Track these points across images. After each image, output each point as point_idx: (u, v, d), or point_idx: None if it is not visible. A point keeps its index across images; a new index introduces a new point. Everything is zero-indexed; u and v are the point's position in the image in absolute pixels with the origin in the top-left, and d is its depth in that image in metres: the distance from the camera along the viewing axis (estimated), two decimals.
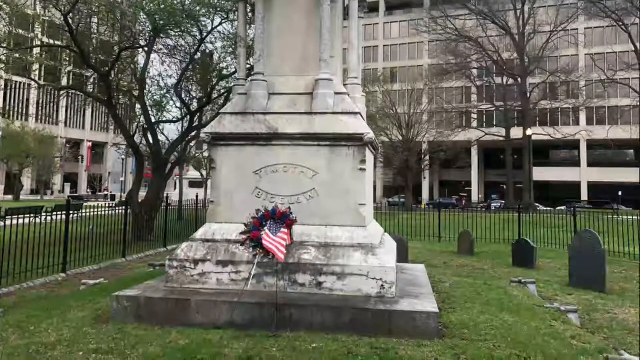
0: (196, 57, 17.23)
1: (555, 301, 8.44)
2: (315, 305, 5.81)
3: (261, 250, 5.80)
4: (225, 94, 18.73)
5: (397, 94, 49.95)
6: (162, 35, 15.42)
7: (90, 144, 72.51)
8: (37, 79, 20.24)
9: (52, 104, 51.32)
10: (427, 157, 53.11)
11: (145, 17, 14.69)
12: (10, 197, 48.96)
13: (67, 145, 66.04)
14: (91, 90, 20.26)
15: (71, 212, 11.71)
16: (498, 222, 19.02)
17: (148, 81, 18.38)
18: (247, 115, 7.17)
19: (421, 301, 6.14)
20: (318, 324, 5.64)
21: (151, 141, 18.54)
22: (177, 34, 15.46)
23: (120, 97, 19.69)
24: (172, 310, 5.99)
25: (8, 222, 9.44)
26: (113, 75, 17.57)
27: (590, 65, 53.64)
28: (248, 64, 11.21)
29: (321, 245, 6.53)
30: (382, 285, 6.16)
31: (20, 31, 18.13)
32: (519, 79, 44.72)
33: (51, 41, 19.13)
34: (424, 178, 63.14)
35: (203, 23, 15.59)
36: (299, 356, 4.86)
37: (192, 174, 47.91)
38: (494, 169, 65.70)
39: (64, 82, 22.42)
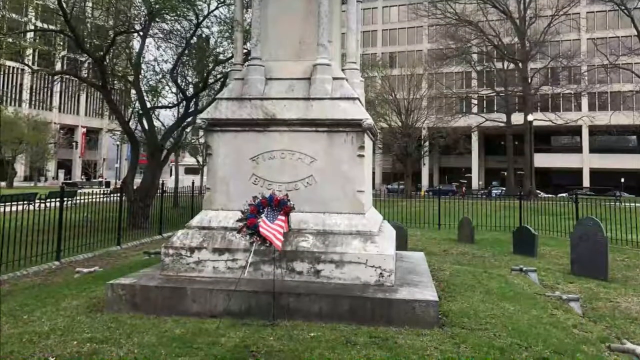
0: (192, 41, 17.00)
1: (557, 289, 8.38)
2: (313, 293, 5.72)
3: (258, 238, 5.70)
4: (222, 79, 18.53)
5: (396, 79, 49.53)
6: (157, 19, 15.19)
7: (84, 129, 72.10)
8: (30, 63, 19.98)
9: (45, 89, 51.13)
10: (427, 143, 52.89)
11: (140, 0, 14.42)
12: (3, 183, 48.78)
13: (61, 131, 65.77)
14: (85, 75, 19.99)
15: (65, 199, 11.57)
16: (498, 209, 18.94)
17: (143, 66, 18.20)
18: (243, 100, 7.02)
19: (420, 289, 6.05)
20: (316, 313, 5.57)
21: (146, 127, 18.36)
22: (172, 18, 15.22)
23: (115, 82, 19.45)
24: (168, 298, 5.92)
25: (1, 210, 9.30)
26: (108, 60, 17.32)
27: (592, 50, 53.09)
28: (245, 48, 10.98)
29: (319, 233, 6.43)
30: (381, 274, 6.07)
31: (14, 15, 17.82)
32: (520, 64, 44.38)
33: (45, 25, 18.84)
34: (424, 164, 63.02)
35: (199, 7, 15.39)
36: (297, 345, 4.78)
37: (188, 160, 47.72)
38: (495, 156, 65.54)
39: (58, 67, 22.15)
